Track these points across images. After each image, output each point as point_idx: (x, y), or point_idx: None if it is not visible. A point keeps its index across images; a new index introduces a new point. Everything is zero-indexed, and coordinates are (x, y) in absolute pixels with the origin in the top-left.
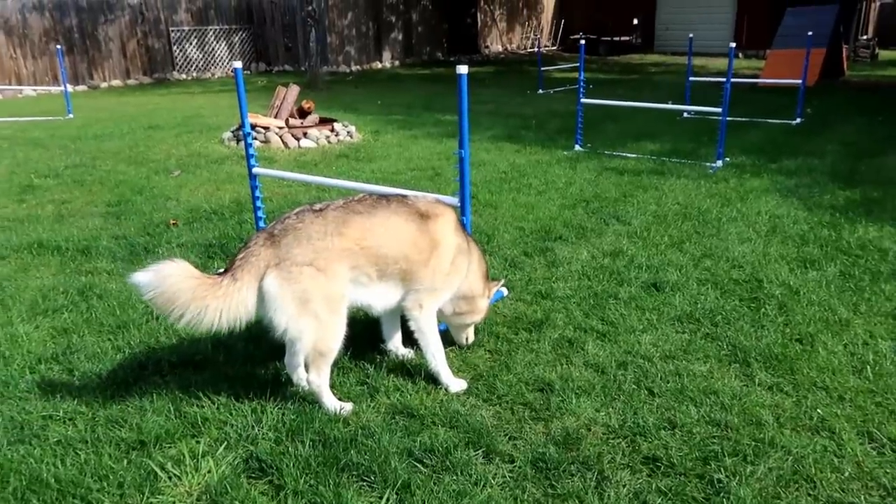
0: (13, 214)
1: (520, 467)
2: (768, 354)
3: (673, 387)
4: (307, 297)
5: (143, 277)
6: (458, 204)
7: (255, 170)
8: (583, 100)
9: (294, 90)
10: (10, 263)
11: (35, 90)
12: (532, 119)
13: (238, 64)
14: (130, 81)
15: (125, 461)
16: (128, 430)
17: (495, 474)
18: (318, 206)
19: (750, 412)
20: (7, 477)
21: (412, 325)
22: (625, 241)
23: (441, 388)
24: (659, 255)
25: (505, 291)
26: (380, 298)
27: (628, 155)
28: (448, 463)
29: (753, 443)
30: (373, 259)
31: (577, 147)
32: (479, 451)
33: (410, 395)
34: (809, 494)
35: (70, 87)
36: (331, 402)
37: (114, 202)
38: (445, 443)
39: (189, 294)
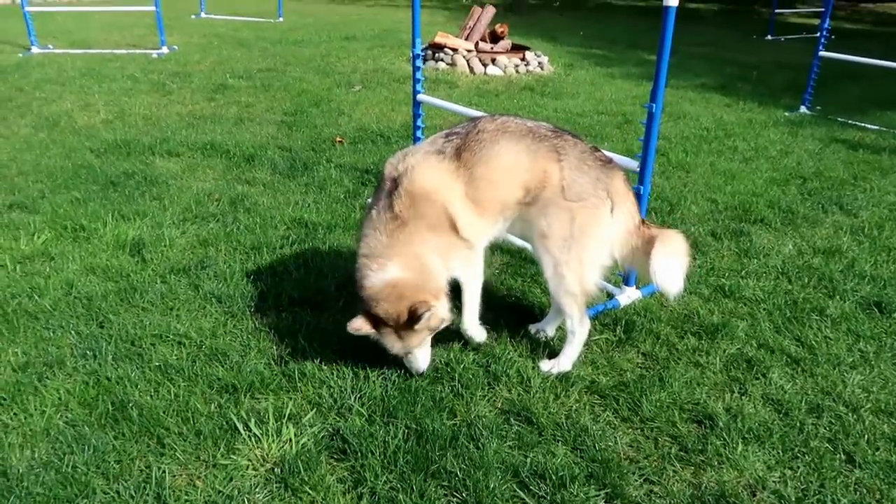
0: (201, 112)
1: None
2: None
3: (883, 459)
4: None
5: None
6: (637, 169)
7: (419, 96)
8: (822, 52)
9: (489, 11)
10: (182, 161)
11: None
12: (753, 69)
13: None
14: None
15: (212, 405)
16: (226, 369)
17: None
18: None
19: None
20: (98, 398)
21: None
22: (846, 237)
23: (573, 393)
24: (891, 263)
25: None
26: None
27: (868, 126)
28: (559, 498)
29: None
30: None
31: (804, 108)
32: (602, 493)
33: (535, 392)
34: None
35: None
36: None
37: (290, 111)
38: (561, 469)
39: None
